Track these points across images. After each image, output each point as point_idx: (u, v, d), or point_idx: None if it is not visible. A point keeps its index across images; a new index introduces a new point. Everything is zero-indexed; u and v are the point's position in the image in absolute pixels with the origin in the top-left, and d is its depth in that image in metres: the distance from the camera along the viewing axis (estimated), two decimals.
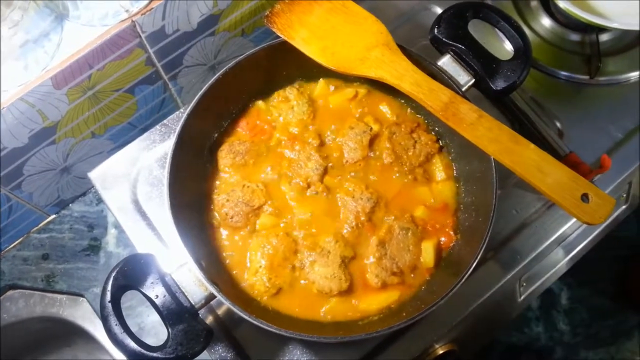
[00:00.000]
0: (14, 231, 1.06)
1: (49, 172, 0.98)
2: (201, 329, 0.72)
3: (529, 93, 1.04)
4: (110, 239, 1.07)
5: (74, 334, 1.07)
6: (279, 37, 0.87)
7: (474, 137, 0.75)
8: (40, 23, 0.84)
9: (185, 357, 0.70)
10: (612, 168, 0.95)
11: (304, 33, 0.85)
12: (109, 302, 0.70)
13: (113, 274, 0.72)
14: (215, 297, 0.74)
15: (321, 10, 0.86)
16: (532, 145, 0.74)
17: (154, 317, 0.99)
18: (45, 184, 1.00)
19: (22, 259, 1.07)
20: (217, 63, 1.07)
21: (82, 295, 1.04)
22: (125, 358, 0.97)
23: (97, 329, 1.04)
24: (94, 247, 1.07)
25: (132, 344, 0.68)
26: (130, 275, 0.73)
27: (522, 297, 0.98)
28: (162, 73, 0.98)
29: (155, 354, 0.69)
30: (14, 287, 1.05)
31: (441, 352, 0.93)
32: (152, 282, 0.73)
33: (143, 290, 0.73)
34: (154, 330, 0.99)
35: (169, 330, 0.71)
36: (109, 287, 0.71)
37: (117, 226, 1.07)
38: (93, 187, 1.09)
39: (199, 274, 0.73)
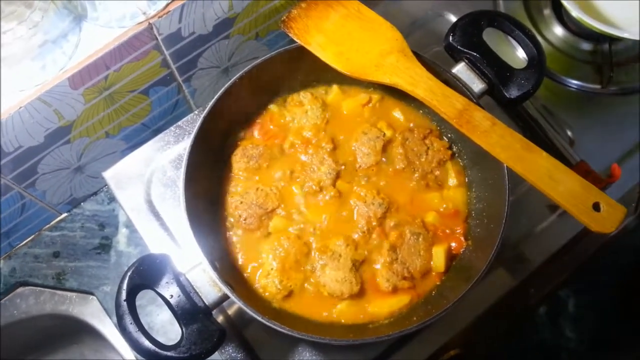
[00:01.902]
0: (25, 229, 1.07)
1: (63, 171, 0.99)
2: (215, 329, 0.72)
3: (541, 101, 1.05)
4: (121, 238, 1.08)
5: (83, 331, 1.08)
6: (291, 41, 0.88)
7: (487, 145, 0.76)
8: (59, 24, 0.85)
9: (199, 356, 0.70)
10: (622, 177, 0.95)
11: (320, 38, 0.85)
12: (124, 300, 0.71)
13: (129, 273, 0.72)
14: (228, 297, 0.74)
15: (337, 16, 0.87)
16: (545, 153, 0.75)
17: (163, 317, 1.00)
18: (58, 182, 1.01)
19: (34, 256, 1.08)
20: (230, 66, 1.08)
21: (92, 294, 1.05)
22: (134, 357, 0.99)
23: (106, 327, 1.04)
24: (105, 246, 1.08)
25: (147, 343, 0.69)
26: (146, 274, 0.74)
27: (530, 303, 0.99)
28: (177, 75, 0.99)
29: (169, 353, 0.69)
30: (24, 284, 1.06)
31: (449, 356, 0.93)
32: (167, 282, 0.74)
33: (158, 290, 0.73)
34: (163, 330, 1.00)
35: (183, 329, 0.72)
36: (125, 286, 0.71)
37: (128, 225, 1.08)
38: (105, 186, 1.11)
39: (213, 275, 0.74)
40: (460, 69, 0.85)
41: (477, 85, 0.84)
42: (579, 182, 0.73)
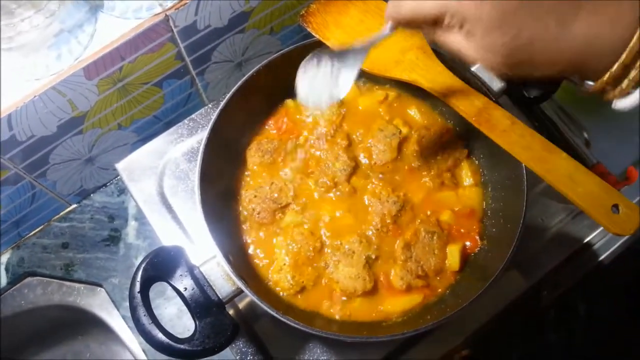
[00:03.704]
0: (35, 219, 1.06)
1: (74, 162, 0.99)
2: (228, 323, 0.72)
3: (557, 102, 1.04)
4: (130, 231, 1.08)
5: (89, 323, 1.07)
6: (305, 37, 0.88)
7: (506, 144, 0.75)
8: (75, 13, 0.84)
9: (212, 350, 0.70)
10: (639, 180, 0.95)
11: (338, 34, 0.85)
12: (138, 292, 0.70)
13: (143, 265, 0.72)
14: (242, 292, 0.74)
15: (356, 11, 0.86)
16: (564, 154, 0.74)
17: (171, 310, 1.00)
18: (69, 173, 1.00)
19: (42, 246, 1.07)
20: (244, 60, 1.08)
21: (100, 285, 1.05)
22: (141, 349, 0.98)
23: (113, 319, 1.04)
24: (114, 238, 1.07)
25: (160, 335, 0.69)
26: (160, 266, 0.73)
27: (542, 306, 0.98)
28: (191, 68, 0.99)
29: (182, 346, 0.69)
30: (32, 274, 1.06)
31: (460, 357, 0.93)
32: (180, 275, 0.73)
33: (172, 283, 0.73)
34: (171, 323, 0.99)
35: (197, 322, 0.72)
36: (139, 278, 0.71)
37: (138, 218, 1.08)
38: (115, 178, 1.10)
39: (228, 269, 0.73)
40: (480, 67, 0.84)
41: (496, 83, 0.83)
42: (599, 183, 0.72)
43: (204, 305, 0.72)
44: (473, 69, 0.84)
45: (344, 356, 0.89)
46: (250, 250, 0.86)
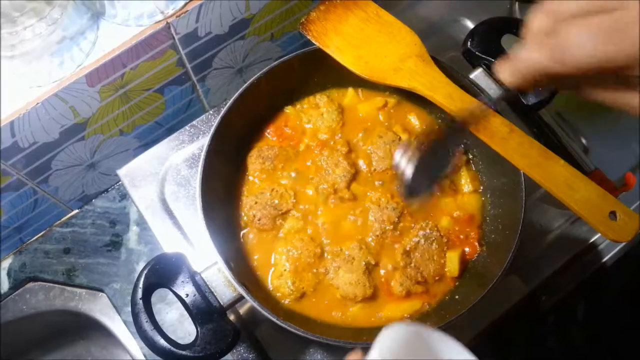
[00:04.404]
0: (37, 224, 1.07)
1: (76, 168, 0.99)
2: (229, 329, 0.72)
3: (556, 109, 1.05)
4: (132, 236, 1.08)
5: (91, 328, 1.08)
6: (305, 43, 0.88)
7: (504, 151, 0.76)
8: (77, 21, 0.85)
9: (214, 356, 0.70)
10: (637, 186, 0.95)
11: (338, 41, 0.85)
12: (140, 299, 0.71)
13: (145, 272, 0.72)
14: (243, 298, 0.74)
15: (356, 19, 0.87)
16: (562, 161, 0.75)
17: (173, 315, 1.00)
18: (71, 179, 1.01)
19: (44, 252, 1.08)
20: (244, 66, 1.08)
21: (101, 290, 1.05)
22: (142, 354, 0.99)
23: (114, 324, 1.05)
24: (115, 243, 1.08)
25: (162, 342, 0.69)
26: (161, 273, 0.74)
27: (540, 311, 0.98)
28: (192, 74, 0.99)
29: (184, 352, 0.69)
30: (34, 279, 1.06)
31: None
32: (182, 281, 0.74)
33: (173, 289, 0.74)
34: (172, 328, 1.00)
35: (198, 329, 0.72)
36: (141, 285, 0.72)
37: (139, 223, 1.08)
38: (117, 183, 1.11)
39: (229, 275, 0.74)
40: (478, 75, 0.85)
41: (494, 91, 0.84)
42: (596, 190, 0.73)
43: (205, 311, 0.73)
44: (471, 76, 0.85)
45: None
46: (251, 257, 0.86)
